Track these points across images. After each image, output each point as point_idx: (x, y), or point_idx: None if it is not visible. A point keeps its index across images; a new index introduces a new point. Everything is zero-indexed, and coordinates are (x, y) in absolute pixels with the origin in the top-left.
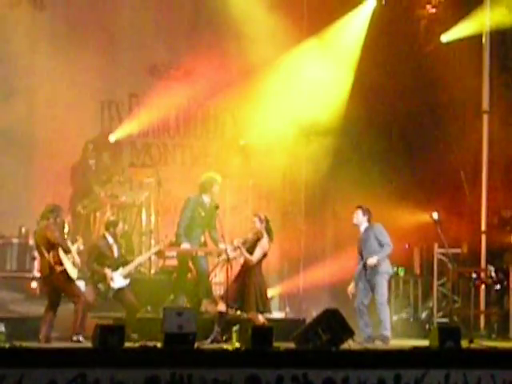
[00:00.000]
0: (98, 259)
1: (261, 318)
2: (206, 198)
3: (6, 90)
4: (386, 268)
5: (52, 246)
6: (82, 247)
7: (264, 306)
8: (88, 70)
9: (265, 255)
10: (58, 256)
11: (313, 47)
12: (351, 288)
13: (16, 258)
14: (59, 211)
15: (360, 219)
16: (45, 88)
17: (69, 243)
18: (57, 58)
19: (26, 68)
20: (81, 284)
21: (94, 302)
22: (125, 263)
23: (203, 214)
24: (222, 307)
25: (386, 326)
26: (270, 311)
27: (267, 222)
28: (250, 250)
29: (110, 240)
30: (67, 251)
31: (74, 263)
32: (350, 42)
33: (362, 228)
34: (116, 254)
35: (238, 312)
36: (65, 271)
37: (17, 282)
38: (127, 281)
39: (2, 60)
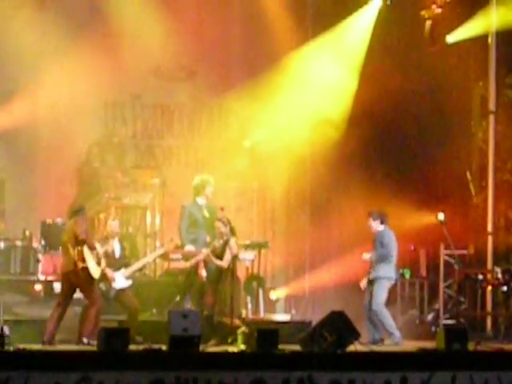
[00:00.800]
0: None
1: (237, 321)
2: (202, 201)
3: (10, 90)
4: (386, 273)
5: (78, 242)
6: (110, 250)
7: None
8: (92, 71)
9: (235, 256)
10: (82, 253)
11: (318, 48)
12: (363, 284)
13: (20, 260)
14: (84, 211)
15: (373, 226)
16: (48, 89)
17: (96, 243)
18: (60, 59)
19: (29, 69)
20: None
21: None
22: (127, 264)
23: (202, 216)
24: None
25: (390, 330)
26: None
27: (229, 223)
28: (221, 256)
29: (111, 241)
30: (92, 248)
31: (98, 263)
32: (355, 43)
33: (375, 232)
34: (118, 254)
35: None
36: (86, 269)
37: (21, 284)
38: (129, 282)
39: (5, 61)
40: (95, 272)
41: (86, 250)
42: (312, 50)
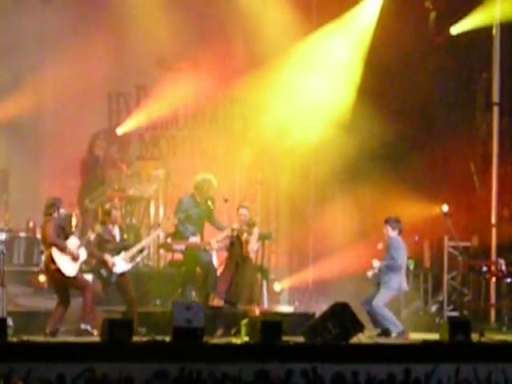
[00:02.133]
0: (99, 245)
1: (256, 310)
2: (199, 197)
3: (14, 81)
4: (394, 284)
5: (48, 243)
6: (92, 237)
7: (256, 296)
8: (96, 62)
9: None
10: (52, 254)
11: (322, 38)
12: (370, 273)
13: (24, 251)
14: (59, 204)
15: (390, 234)
16: (52, 80)
17: (73, 238)
18: (64, 50)
19: (33, 60)
20: (89, 277)
21: (100, 293)
22: (126, 247)
23: (196, 212)
24: (215, 302)
25: (394, 322)
26: (259, 302)
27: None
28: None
29: (111, 229)
30: (62, 249)
31: (74, 258)
32: (360, 33)
33: (387, 238)
34: (118, 238)
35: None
36: (58, 270)
37: (24, 275)
38: (129, 265)
39: (9, 52)
40: (69, 270)
41: (55, 251)
42: (317, 40)
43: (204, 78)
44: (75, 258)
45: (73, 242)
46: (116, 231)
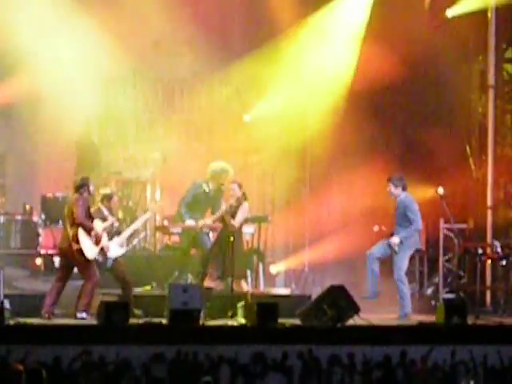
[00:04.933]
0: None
1: (244, 286)
2: (212, 185)
3: (10, 65)
4: (412, 244)
5: (74, 223)
6: (116, 224)
7: (243, 273)
8: (92, 46)
9: (245, 220)
10: (77, 235)
11: (318, 22)
12: (394, 241)
13: (20, 234)
14: (89, 185)
15: (394, 192)
16: (49, 64)
17: (97, 221)
18: (60, 34)
19: (29, 44)
20: None
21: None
22: (119, 232)
23: (205, 198)
24: (207, 283)
25: (405, 303)
26: (245, 277)
27: (241, 186)
28: (233, 216)
29: (105, 212)
30: (89, 230)
31: (96, 242)
32: (356, 17)
33: (398, 199)
34: (111, 222)
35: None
36: (80, 250)
37: (21, 258)
38: (123, 249)
39: (5, 36)
40: (90, 253)
41: (81, 231)
42: (312, 24)
43: (200, 60)
44: (98, 241)
45: (97, 225)
46: (110, 218)
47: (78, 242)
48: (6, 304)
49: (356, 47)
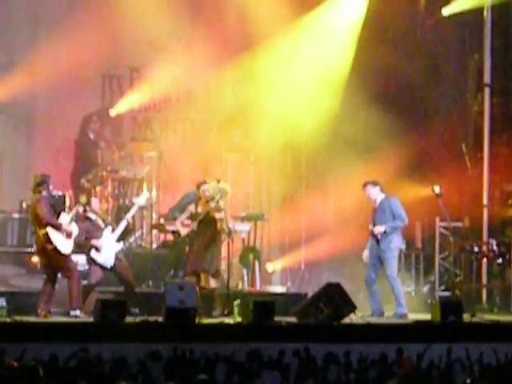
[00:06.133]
0: (87, 236)
1: (212, 283)
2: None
3: (7, 63)
4: (397, 243)
5: (42, 223)
6: (80, 209)
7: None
8: (89, 44)
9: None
10: (48, 235)
11: (314, 21)
12: (365, 256)
13: (17, 232)
14: (48, 180)
15: (373, 193)
16: (45, 61)
17: (63, 214)
18: (57, 31)
19: (26, 41)
20: (82, 258)
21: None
22: (113, 229)
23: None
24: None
25: (400, 302)
26: (219, 276)
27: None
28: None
29: (93, 217)
30: (57, 228)
31: (68, 235)
32: (351, 15)
33: (378, 200)
34: (102, 225)
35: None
36: (55, 249)
37: (18, 256)
38: (120, 245)
39: (2, 33)
40: (65, 248)
41: (50, 230)
42: (308, 22)
43: (197, 59)
44: (69, 235)
45: (64, 219)
46: (98, 220)
47: (50, 241)
48: (3, 302)
49: (352, 45)
